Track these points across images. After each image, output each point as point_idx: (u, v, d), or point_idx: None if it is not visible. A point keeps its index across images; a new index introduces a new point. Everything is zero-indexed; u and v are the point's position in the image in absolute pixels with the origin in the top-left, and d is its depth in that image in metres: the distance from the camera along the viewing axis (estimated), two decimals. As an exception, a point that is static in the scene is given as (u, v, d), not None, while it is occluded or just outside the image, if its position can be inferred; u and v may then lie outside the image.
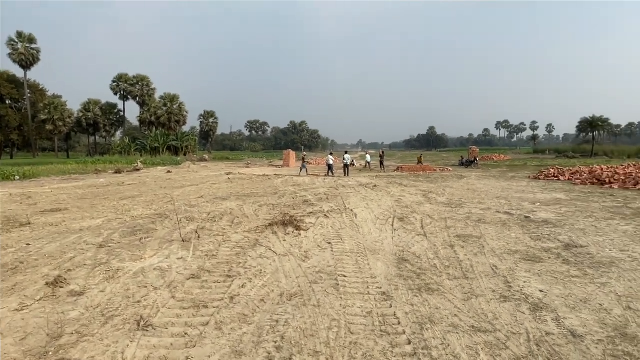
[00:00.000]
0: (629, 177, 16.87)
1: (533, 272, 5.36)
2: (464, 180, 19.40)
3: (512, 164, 35.83)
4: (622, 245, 6.73)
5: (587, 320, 3.89)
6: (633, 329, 3.69)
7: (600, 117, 54.44)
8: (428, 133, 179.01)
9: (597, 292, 4.63)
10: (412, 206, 11.08)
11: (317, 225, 8.37)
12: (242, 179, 20.93)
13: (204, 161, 46.19)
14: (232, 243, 6.89)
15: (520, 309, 4.18)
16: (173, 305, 4.19)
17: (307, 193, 14.15)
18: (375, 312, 4.09)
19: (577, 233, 7.63)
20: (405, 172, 26.78)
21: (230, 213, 9.85)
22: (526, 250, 6.47)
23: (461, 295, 4.55)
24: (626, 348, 3.34)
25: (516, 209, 10.45)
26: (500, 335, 3.58)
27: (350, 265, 5.71)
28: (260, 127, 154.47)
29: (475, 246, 6.75)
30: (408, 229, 8.18)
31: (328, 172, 24.22)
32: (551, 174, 20.67)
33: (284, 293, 4.59)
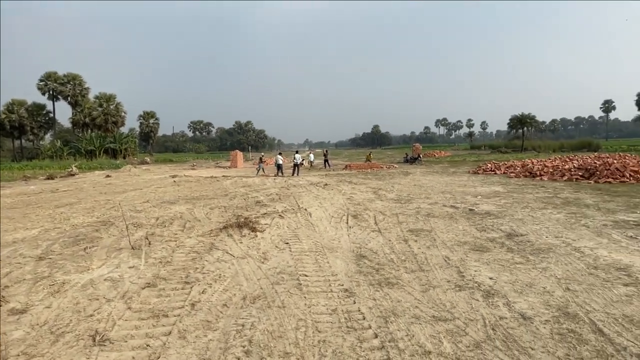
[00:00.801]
0: (556, 170, 18.41)
1: (482, 261, 5.70)
2: (410, 177, 20.14)
3: (452, 160, 37.73)
4: (556, 232, 7.33)
5: (534, 302, 4.21)
6: (573, 307, 4.04)
7: (529, 115, 58.92)
8: (373, 131, 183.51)
9: (540, 276, 5.02)
10: (364, 203, 11.33)
11: (273, 225, 8.31)
12: (189, 181, 20.25)
13: (145, 164, 44.12)
14: (186, 248, 6.65)
15: (474, 296, 4.43)
16: (130, 317, 3.98)
17: (259, 194, 14.00)
18: (340, 309, 4.15)
19: (516, 223, 8.21)
20: (354, 170, 27.29)
21: (181, 217, 9.51)
22: (473, 241, 6.86)
23: (419, 287, 4.74)
24: (569, 326, 3.66)
25: (461, 203, 11.03)
26: (459, 322, 3.78)
27: (310, 264, 5.74)
28: (205, 127, 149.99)
29: (427, 239, 7.05)
30: (362, 225, 8.36)
31: (278, 172, 24.10)
32: (489, 169, 22.05)
33: (246, 296, 4.52)
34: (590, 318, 3.79)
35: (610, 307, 4.03)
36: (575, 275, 5.02)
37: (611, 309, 3.98)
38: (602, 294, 4.37)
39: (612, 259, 5.61)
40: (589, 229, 7.53)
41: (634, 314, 3.85)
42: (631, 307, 4.03)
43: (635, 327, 3.59)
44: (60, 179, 23.57)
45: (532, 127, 63.48)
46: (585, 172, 16.90)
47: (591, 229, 7.53)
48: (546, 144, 58.89)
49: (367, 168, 27.91)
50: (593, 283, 4.72)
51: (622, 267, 5.25)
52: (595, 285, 4.64)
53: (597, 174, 16.28)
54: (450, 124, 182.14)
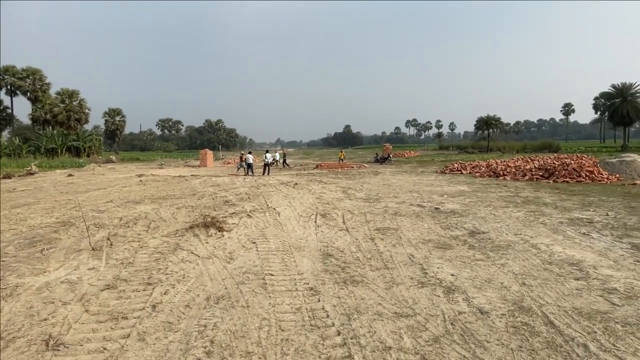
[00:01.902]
0: (518, 170, 19.13)
1: (445, 259, 5.85)
2: (379, 176, 20.41)
3: (421, 160, 38.51)
4: (515, 229, 7.62)
5: (492, 297, 4.36)
6: (528, 302, 4.22)
7: (494, 117, 60.94)
8: (344, 131, 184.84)
9: (498, 272, 5.20)
10: (333, 202, 11.40)
11: (241, 225, 8.24)
12: (156, 180, 19.76)
13: (110, 163, 42.70)
14: (150, 249, 6.50)
15: (436, 292, 4.54)
16: (87, 320, 3.85)
17: (228, 193, 13.83)
18: (304, 307, 4.16)
19: (479, 221, 8.47)
20: (325, 169, 27.40)
21: (146, 217, 9.28)
22: (438, 239, 7.03)
23: (383, 285, 4.82)
24: (523, 319, 3.81)
25: (427, 202, 11.28)
26: (420, 318, 3.87)
27: (276, 263, 5.73)
28: (174, 125, 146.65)
29: (393, 238, 7.17)
30: (330, 224, 8.41)
31: (248, 171, 23.90)
32: (455, 169, 22.64)
33: (210, 296, 4.46)
34: (543, 311, 3.97)
35: (561, 301, 4.23)
36: (531, 270, 5.24)
37: (562, 302, 4.18)
38: (555, 288, 4.58)
39: (565, 255, 5.89)
40: (546, 226, 7.87)
41: (583, 307, 4.06)
42: (580, 300, 4.25)
43: (584, 318, 3.79)
44: (18, 178, 22.47)
45: (497, 128, 65.69)
46: (545, 172, 17.65)
47: (548, 226, 7.87)
48: (510, 145, 61.01)
49: (338, 168, 28.08)
50: (547, 278, 4.94)
51: (574, 262, 5.52)
52: (549, 280, 4.86)
53: (555, 173, 17.03)
54: (420, 125, 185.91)
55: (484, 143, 62.44)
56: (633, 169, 16.86)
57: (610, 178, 16.18)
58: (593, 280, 4.85)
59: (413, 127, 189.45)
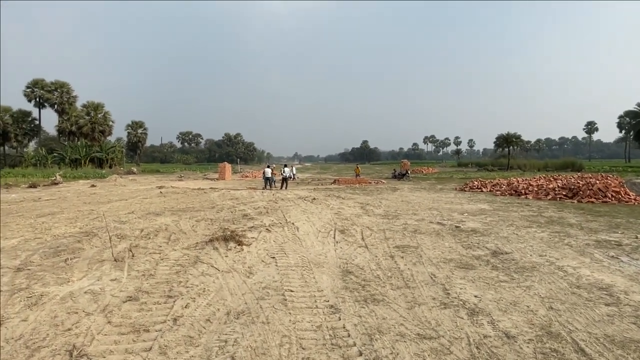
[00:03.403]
0: (540, 189, 18.71)
1: (467, 279, 5.72)
2: (397, 192, 20.25)
3: (439, 177, 38.11)
4: (540, 251, 7.42)
5: (518, 321, 4.23)
6: (556, 327, 4.07)
7: (514, 134, 60.10)
8: (362, 146, 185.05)
9: (524, 295, 5.05)
10: (351, 218, 11.34)
11: (260, 239, 8.25)
12: (176, 192, 20.06)
13: (132, 174, 43.62)
14: (170, 261, 6.55)
15: (459, 314, 4.43)
16: (110, 331, 3.88)
17: (246, 207, 13.91)
18: (324, 325, 4.11)
19: (502, 241, 8.29)
20: (342, 184, 27.37)
21: (166, 229, 9.38)
22: (459, 258, 6.90)
23: (405, 304, 4.73)
24: (552, 345, 3.68)
25: (447, 219, 11.12)
26: (444, 340, 3.77)
27: (296, 279, 5.69)
28: (193, 138, 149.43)
29: (413, 256, 7.06)
30: (349, 241, 8.35)
31: (266, 185, 24.04)
32: (475, 186, 22.30)
33: (230, 311, 4.45)
34: (573, 337, 3.82)
35: (592, 327, 4.07)
36: (559, 294, 5.07)
37: (593, 329, 4.02)
38: (584, 314, 4.42)
39: (594, 279, 5.69)
40: (572, 248, 7.64)
41: (615, 334, 3.89)
42: (612, 327, 4.08)
43: (616, 347, 3.63)
44: (43, 188, 23.13)
45: (517, 146, 64.72)
46: (568, 192, 17.21)
47: (574, 248, 7.63)
48: (531, 163, 59.90)
49: (356, 183, 28.01)
50: (576, 302, 4.77)
51: (603, 287, 5.32)
52: (577, 305, 4.69)
53: (580, 193, 16.60)
54: (438, 141, 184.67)
55: (504, 161, 61.50)
56: (662, 190, 16.29)
57: (638, 199, 15.67)
58: (625, 306, 4.66)
59: (431, 144, 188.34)
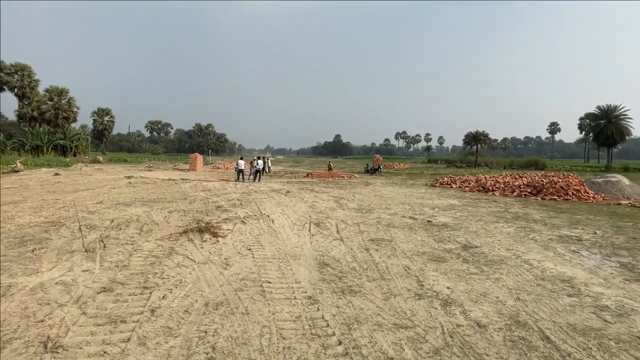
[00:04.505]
0: (507, 186, 19.42)
1: (440, 271, 5.92)
2: (370, 187, 20.52)
3: (411, 172, 38.82)
4: (507, 245, 7.75)
5: (488, 311, 4.43)
6: (524, 316, 4.29)
7: (482, 132, 61.83)
8: (334, 140, 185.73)
9: (493, 286, 5.28)
10: (325, 212, 11.43)
11: (235, 231, 8.21)
12: (146, 183, 19.56)
13: (98, 163, 42.16)
14: (144, 252, 6.43)
15: (433, 305, 4.59)
16: (85, 323, 3.80)
17: (220, 199, 13.75)
18: (304, 316, 4.17)
19: (471, 235, 8.59)
20: (315, 178, 27.44)
21: (137, 220, 9.18)
22: (432, 252, 7.11)
23: (381, 296, 4.85)
24: (520, 333, 3.88)
25: (419, 214, 11.39)
26: (420, 330, 3.91)
27: (273, 271, 5.72)
28: (163, 128, 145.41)
29: (388, 249, 7.22)
30: (325, 233, 8.44)
31: (239, 177, 23.80)
32: (445, 182, 22.87)
33: (209, 302, 4.44)
34: (539, 326, 4.04)
35: (556, 316, 4.32)
36: (525, 286, 5.33)
37: (557, 318, 4.27)
38: (549, 304, 4.67)
39: (557, 271, 6.01)
40: (537, 242, 8.01)
41: (577, 323, 4.15)
42: (574, 316, 4.34)
43: (578, 334, 3.87)
44: (2, 175, 22.02)
45: (485, 144, 66.68)
46: (533, 189, 17.96)
47: (539, 242, 8.01)
48: (498, 161, 61.92)
49: (329, 177, 28.14)
50: (541, 293, 5.04)
51: (566, 279, 5.63)
52: (542, 296, 4.95)
53: (543, 191, 17.34)
54: (410, 137, 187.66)
55: (472, 158, 63.21)
56: (618, 190, 17.27)
57: (596, 197, 16.54)
58: (585, 297, 4.95)
59: (402, 140, 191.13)
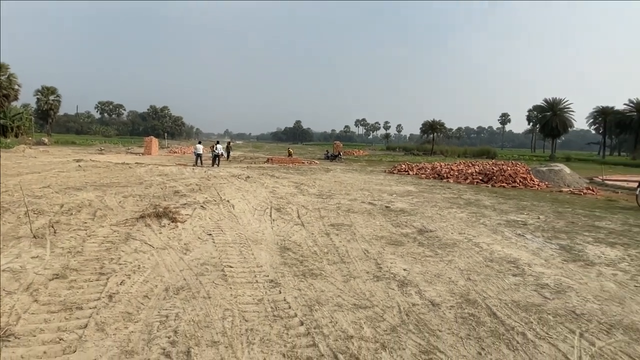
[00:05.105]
0: (460, 173, 20.27)
1: (397, 254, 6.16)
2: (330, 173, 20.74)
3: (370, 159, 39.51)
4: (460, 229, 8.15)
5: (441, 291, 4.69)
6: (473, 295, 4.59)
7: (439, 121, 63.90)
8: (295, 126, 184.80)
9: (446, 268, 5.58)
10: (286, 197, 11.47)
11: (195, 216, 8.08)
12: (97, 166, 18.71)
13: (42, 145, 39.72)
14: (99, 238, 6.22)
15: (391, 286, 4.80)
16: (38, 310, 3.65)
17: (177, 183, 13.43)
18: (266, 299, 4.23)
19: (427, 220, 8.96)
20: (276, 164, 27.33)
21: (90, 205, 8.81)
22: (389, 236, 7.36)
23: (341, 278, 5.00)
24: (470, 310, 4.16)
25: (378, 200, 11.70)
26: (378, 309, 4.09)
27: (234, 255, 5.73)
28: (115, 109, 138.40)
29: (347, 233, 7.40)
30: (286, 219, 8.50)
31: (197, 162, 23.27)
32: (402, 169, 23.54)
33: (169, 287, 4.39)
34: (487, 304, 4.34)
35: (502, 294, 4.65)
36: (475, 267, 5.67)
37: (503, 296, 4.59)
38: (496, 283, 5.01)
39: (504, 253, 6.42)
40: (487, 227, 8.50)
41: (520, 300, 4.49)
42: (518, 294, 4.69)
43: (521, 310, 4.20)
44: None
45: (441, 133, 69.03)
46: (484, 177, 18.86)
47: (488, 227, 8.49)
48: (452, 149, 64.25)
49: (289, 163, 28.12)
50: (489, 274, 5.38)
51: (511, 261, 6.04)
52: (490, 276, 5.30)
53: (493, 178, 18.27)
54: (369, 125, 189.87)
55: (428, 146, 65.21)
56: (560, 178, 18.50)
57: (541, 185, 17.65)
58: (528, 276, 5.35)
59: (362, 127, 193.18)
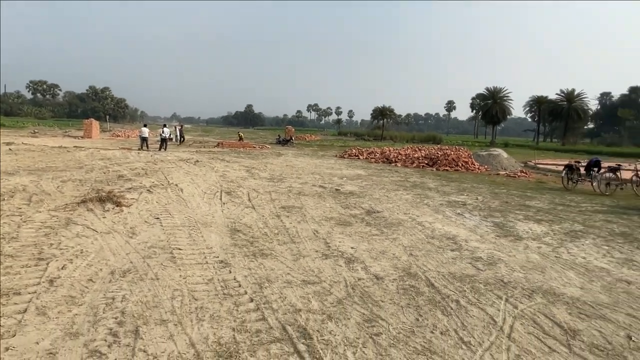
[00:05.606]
0: (408, 158, 21.04)
1: (345, 234, 6.39)
2: (282, 158, 20.74)
3: (321, 144, 39.83)
4: (405, 209, 8.56)
5: (385, 266, 4.97)
6: (414, 269, 4.90)
7: (388, 107, 65.42)
8: (246, 111, 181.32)
9: (391, 245, 5.89)
10: (237, 181, 11.40)
11: (141, 200, 7.86)
12: (31, 150, 17.44)
13: (-34, 127, 36.19)
14: (36, 223, 5.91)
15: (338, 263, 5.01)
16: (-30, 297, 3.48)
17: (122, 168, 12.89)
18: (216, 278, 4.28)
19: (374, 201, 9.30)
20: (226, 148, 26.85)
21: (24, 190, 8.28)
22: (339, 217, 7.59)
23: (291, 257, 5.14)
24: (411, 282, 4.46)
25: (328, 183, 11.93)
26: (325, 285, 4.27)
27: (183, 238, 5.68)
28: (49, 89, 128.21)
29: (298, 215, 7.54)
30: (236, 202, 8.48)
31: (142, 146, 22.35)
32: (353, 154, 24.01)
33: (115, 270, 4.31)
34: (426, 276, 4.67)
35: (440, 267, 5.00)
36: (418, 244, 6.03)
37: (441, 269, 4.95)
38: (435, 258, 5.38)
39: (444, 231, 6.86)
40: (430, 207, 8.98)
41: (456, 272, 4.87)
42: (455, 266, 5.07)
43: (457, 280, 4.56)
44: None
45: (390, 119, 70.78)
46: (429, 161, 19.72)
47: (431, 207, 8.98)
48: (401, 135, 66.20)
49: (240, 147, 27.73)
50: (430, 250, 5.75)
51: (450, 237, 6.47)
52: (431, 251, 5.66)
53: (438, 162, 19.16)
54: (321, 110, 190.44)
55: (378, 132, 66.69)
56: (498, 162, 19.75)
57: (481, 168, 18.76)
58: (464, 251, 5.78)
59: (314, 112, 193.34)
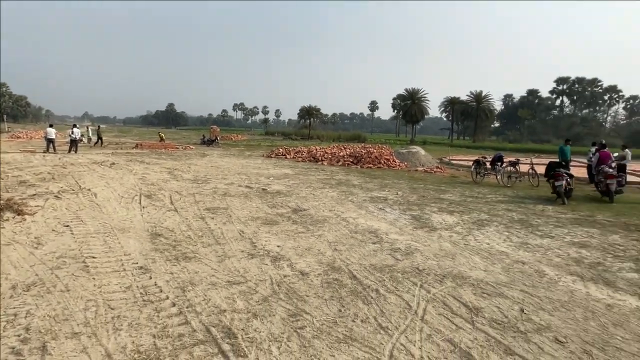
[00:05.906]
0: (333, 156, 21.56)
1: (271, 233, 6.43)
2: (207, 158, 20.15)
3: (248, 144, 39.28)
4: (330, 206, 8.80)
5: (310, 262, 5.09)
6: (338, 263, 5.09)
7: (315, 107, 66.37)
8: (167, 110, 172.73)
9: (316, 242, 6.04)
10: (158, 183, 10.89)
11: (48, 207, 7.20)
12: None
13: None
14: None
15: (264, 262, 5.03)
16: None
17: (23, 172, 11.67)
18: (134, 285, 4.09)
19: (301, 200, 9.44)
20: (146, 149, 25.42)
21: None
22: (265, 216, 7.60)
23: (216, 259, 5.06)
24: (334, 276, 4.63)
25: (255, 183, 11.85)
26: (251, 284, 4.28)
27: (98, 245, 5.33)
28: None
29: (223, 216, 7.42)
30: (157, 205, 8.11)
31: (48, 148, 20.37)
32: (280, 153, 24.03)
33: (17, 285, 3.93)
34: (349, 269, 4.87)
35: (362, 260, 5.25)
36: (342, 239, 6.25)
37: (363, 261, 5.20)
38: (358, 251, 5.62)
39: (367, 225, 7.18)
40: (354, 203, 9.32)
41: (377, 263, 5.14)
42: (375, 258, 5.35)
43: (377, 271, 4.82)
44: None
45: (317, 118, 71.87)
46: (354, 159, 20.40)
47: (355, 203, 9.33)
48: (328, 134, 67.48)
49: (161, 148, 26.42)
50: (353, 244, 6.00)
51: (372, 231, 6.80)
52: (354, 245, 5.91)
53: (362, 160, 19.88)
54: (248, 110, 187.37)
55: (305, 131, 67.34)
56: (416, 159, 21.00)
57: (401, 165, 19.81)
58: (385, 243, 6.11)
59: (240, 111, 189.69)
